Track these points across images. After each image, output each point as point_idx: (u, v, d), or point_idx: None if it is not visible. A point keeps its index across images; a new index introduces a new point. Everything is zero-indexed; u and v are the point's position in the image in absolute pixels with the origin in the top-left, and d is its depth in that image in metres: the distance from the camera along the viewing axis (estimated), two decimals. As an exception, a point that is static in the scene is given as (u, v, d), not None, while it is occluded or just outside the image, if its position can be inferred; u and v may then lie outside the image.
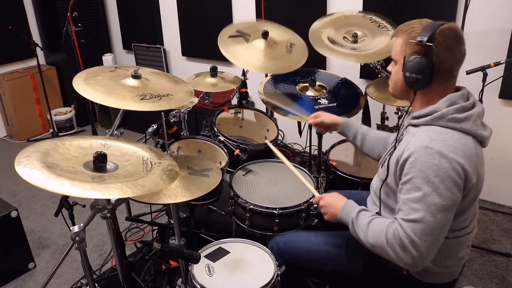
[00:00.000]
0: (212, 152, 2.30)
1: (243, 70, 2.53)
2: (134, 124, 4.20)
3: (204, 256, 1.59)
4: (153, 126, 2.03)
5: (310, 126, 2.67)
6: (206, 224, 2.66)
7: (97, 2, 4.46)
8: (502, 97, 2.74)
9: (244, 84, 2.52)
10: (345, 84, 2.46)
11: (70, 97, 4.56)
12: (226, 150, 2.23)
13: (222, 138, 2.26)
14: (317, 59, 2.61)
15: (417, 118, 1.33)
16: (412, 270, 1.28)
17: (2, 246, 2.38)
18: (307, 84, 2.36)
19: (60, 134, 4.35)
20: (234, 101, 2.87)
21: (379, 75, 2.44)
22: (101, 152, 1.26)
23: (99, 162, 1.26)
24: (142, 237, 2.76)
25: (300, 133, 2.59)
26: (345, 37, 2.30)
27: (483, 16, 2.65)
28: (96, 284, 1.62)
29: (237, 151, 2.19)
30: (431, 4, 2.79)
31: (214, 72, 2.44)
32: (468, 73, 2.24)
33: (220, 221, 2.63)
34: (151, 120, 2.06)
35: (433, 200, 1.20)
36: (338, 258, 1.53)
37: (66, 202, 1.72)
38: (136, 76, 1.67)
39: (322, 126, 1.88)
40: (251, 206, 1.85)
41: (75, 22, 2.94)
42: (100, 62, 4.51)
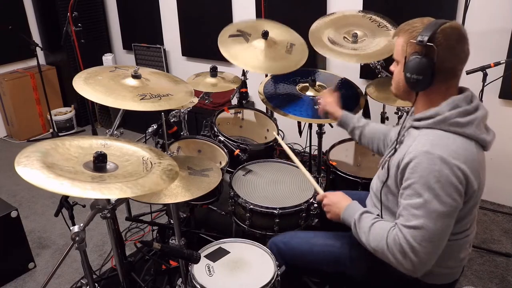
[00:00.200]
0: (212, 152, 2.30)
1: (243, 70, 2.52)
2: (134, 124, 4.20)
3: (204, 256, 1.59)
4: (153, 126, 2.03)
5: (310, 126, 2.68)
6: (206, 224, 2.66)
7: (97, 2, 4.46)
8: (502, 97, 2.74)
9: (244, 84, 2.52)
10: (345, 84, 2.46)
11: (70, 97, 4.56)
12: (226, 150, 2.23)
13: (222, 138, 2.26)
14: (314, 59, 2.59)
15: (419, 120, 1.31)
16: (411, 275, 1.28)
17: (2, 246, 2.38)
18: (307, 84, 2.36)
19: (60, 134, 4.35)
20: (234, 101, 2.87)
21: (379, 75, 2.43)
22: (101, 152, 1.26)
23: (99, 162, 1.26)
24: (142, 237, 2.76)
25: (300, 133, 2.59)
26: (345, 37, 2.30)
27: (483, 16, 2.65)
28: (96, 284, 1.62)
29: (237, 151, 2.19)
30: (431, 4, 2.79)
31: (214, 72, 2.44)
32: (468, 73, 2.24)
33: (220, 221, 2.63)
34: (151, 120, 2.06)
35: (434, 206, 1.19)
36: (340, 259, 1.52)
37: (66, 202, 1.72)
38: (136, 76, 1.67)
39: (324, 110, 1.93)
40: (251, 206, 1.85)
41: (75, 22, 2.94)
42: (100, 62, 4.51)
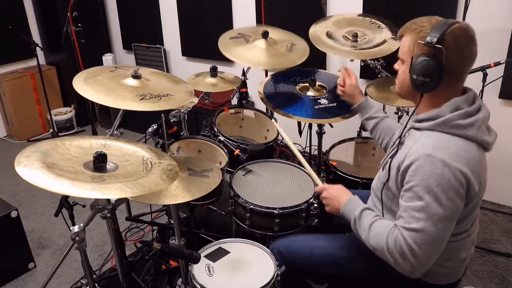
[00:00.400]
0: (212, 152, 2.30)
1: (243, 70, 2.52)
2: (134, 124, 4.20)
3: (204, 256, 1.59)
4: (153, 126, 2.03)
5: (310, 126, 2.68)
6: (206, 224, 2.66)
7: (97, 2, 4.46)
8: (502, 97, 2.74)
9: (244, 84, 2.52)
10: (345, 84, 2.45)
11: (70, 97, 4.56)
12: (226, 150, 2.23)
13: (222, 138, 2.26)
14: (316, 56, 2.59)
15: (420, 121, 1.30)
16: (409, 276, 1.28)
17: (2, 246, 2.38)
18: (307, 84, 2.36)
19: (60, 134, 4.35)
20: (234, 101, 2.87)
21: (379, 75, 2.43)
22: (101, 152, 1.26)
23: (99, 162, 1.26)
24: (142, 237, 2.76)
25: (300, 133, 2.58)
26: (345, 36, 2.30)
27: (483, 16, 2.65)
28: (96, 284, 1.62)
29: (237, 151, 2.19)
30: (431, 4, 2.79)
31: (214, 72, 2.44)
32: (468, 73, 2.24)
33: (220, 221, 2.63)
34: (151, 120, 2.06)
35: (434, 210, 1.18)
36: (340, 261, 1.52)
37: (66, 202, 1.72)
38: (136, 76, 1.67)
39: (344, 92, 1.96)
40: (251, 206, 1.85)
41: (75, 22, 2.94)
42: (100, 62, 4.51)
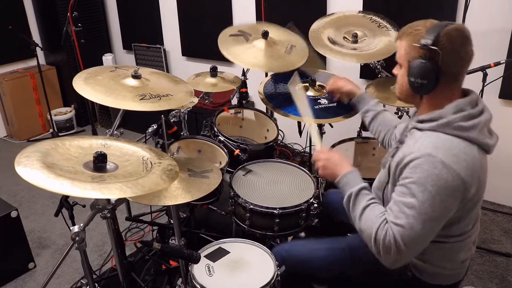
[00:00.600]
0: (212, 152, 2.30)
1: (243, 70, 2.52)
2: (134, 124, 4.20)
3: (204, 256, 1.59)
4: (153, 126, 2.03)
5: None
6: (206, 224, 2.66)
7: (97, 2, 4.46)
8: (502, 97, 2.74)
9: (244, 84, 2.52)
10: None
11: (70, 97, 4.56)
12: (226, 150, 2.23)
13: (222, 138, 2.26)
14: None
15: (422, 122, 1.30)
16: (387, 267, 1.29)
17: (2, 246, 2.38)
18: (307, 84, 2.36)
19: (60, 134, 4.35)
20: (234, 101, 2.87)
21: (379, 75, 2.43)
22: (101, 152, 1.26)
23: (99, 162, 1.26)
24: (142, 237, 2.76)
25: (300, 133, 2.58)
26: (345, 37, 2.30)
27: (483, 16, 2.65)
28: (96, 284, 1.62)
29: (237, 151, 2.19)
30: (431, 4, 2.79)
31: (214, 72, 2.44)
32: (468, 73, 2.21)
33: (220, 221, 2.63)
34: (151, 120, 2.06)
35: (425, 209, 1.19)
36: (341, 263, 1.53)
37: (66, 202, 1.72)
38: (136, 76, 1.67)
39: (339, 93, 1.94)
40: (251, 206, 1.85)
41: (75, 22, 2.94)
42: (100, 62, 4.51)
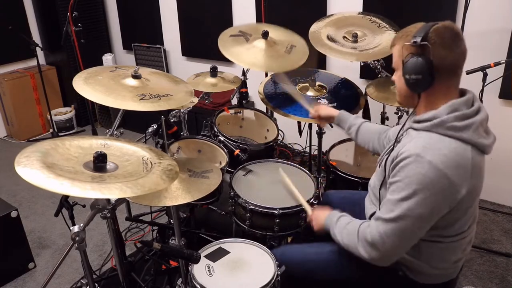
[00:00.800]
0: (212, 152, 2.30)
1: (243, 70, 2.52)
2: (134, 124, 4.20)
3: (204, 256, 1.59)
4: (153, 126, 2.03)
5: (310, 126, 2.68)
6: (206, 224, 2.66)
7: (97, 2, 4.46)
8: (502, 97, 2.74)
9: (244, 84, 2.52)
10: (345, 84, 2.46)
11: (70, 97, 4.56)
12: (226, 150, 2.23)
13: (222, 138, 2.26)
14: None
15: (418, 122, 1.31)
16: (378, 264, 1.33)
17: (2, 246, 2.38)
18: (307, 84, 2.36)
19: (60, 134, 4.35)
20: (234, 101, 2.87)
21: (379, 75, 2.44)
22: (101, 152, 1.26)
23: (99, 162, 1.26)
24: (142, 237, 2.76)
25: (300, 133, 2.59)
26: (345, 37, 2.30)
27: (483, 16, 2.65)
28: (96, 284, 1.62)
29: (237, 151, 2.19)
30: (431, 4, 2.79)
31: (214, 72, 2.44)
32: (468, 73, 2.24)
33: (220, 221, 2.63)
34: (151, 120, 2.06)
35: (408, 205, 1.22)
36: (333, 265, 1.53)
37: (66, 202, 1.72)
38: (136, 76, 1.67)
39: (320, 119, 1.97)
40: (252, 206, 1.85)
41: (75, 22, 2.94)
42: (100, 62, 4.51)
